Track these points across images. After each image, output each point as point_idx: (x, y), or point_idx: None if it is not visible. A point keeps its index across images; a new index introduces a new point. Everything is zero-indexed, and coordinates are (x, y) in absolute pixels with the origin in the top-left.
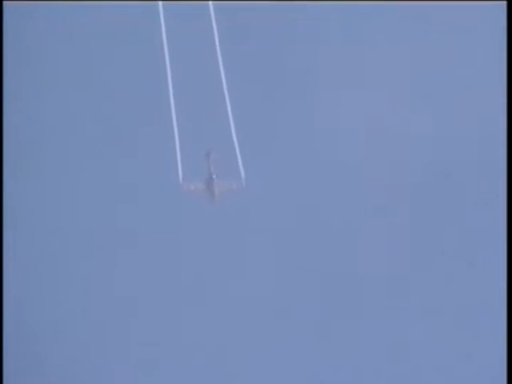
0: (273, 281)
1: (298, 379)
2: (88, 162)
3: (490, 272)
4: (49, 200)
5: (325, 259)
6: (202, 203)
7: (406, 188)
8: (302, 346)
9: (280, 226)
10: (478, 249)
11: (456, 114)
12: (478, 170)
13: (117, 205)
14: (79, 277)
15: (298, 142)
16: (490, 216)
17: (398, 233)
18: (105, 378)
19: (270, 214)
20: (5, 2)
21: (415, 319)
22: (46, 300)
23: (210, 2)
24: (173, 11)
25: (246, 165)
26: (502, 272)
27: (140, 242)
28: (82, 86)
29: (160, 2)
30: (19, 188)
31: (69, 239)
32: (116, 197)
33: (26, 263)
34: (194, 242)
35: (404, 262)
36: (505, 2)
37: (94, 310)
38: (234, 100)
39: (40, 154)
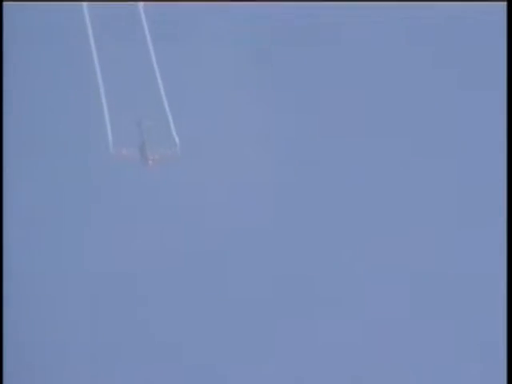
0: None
1: None
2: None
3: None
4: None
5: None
6: (135, 168)
7: None
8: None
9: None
10: None
11: None
12: None
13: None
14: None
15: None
16: None
17: None
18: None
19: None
20: (5, 2)
21: None
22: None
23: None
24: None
25: (179, 134)
26: None
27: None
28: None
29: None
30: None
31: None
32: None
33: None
34: (128, 208)
35: None
36: (505, 3)
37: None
38: (164, 70)
39: None
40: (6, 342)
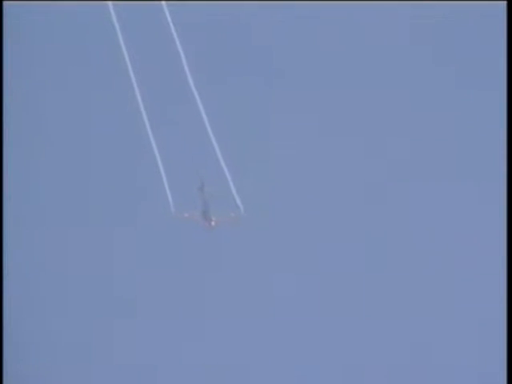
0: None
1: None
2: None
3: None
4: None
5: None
6: (198, 230)
7: None
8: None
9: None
10: None
11: None
12: None
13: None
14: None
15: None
16: None
17: None
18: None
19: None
20: (5, 2)
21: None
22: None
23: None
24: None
25: (241, 195)
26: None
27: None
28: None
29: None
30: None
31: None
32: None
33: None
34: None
35: None
36: (505, 2)
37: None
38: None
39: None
40: (6, 344)
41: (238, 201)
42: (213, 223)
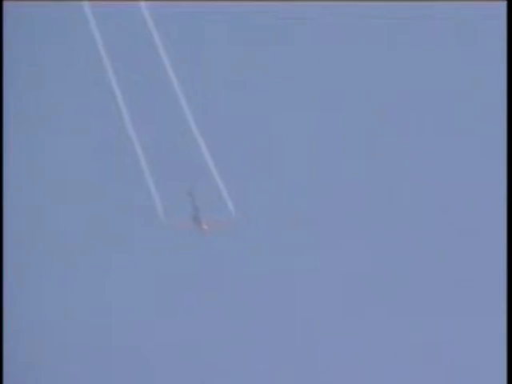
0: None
1: None
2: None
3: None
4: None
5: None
6: (189, 237)
7: None
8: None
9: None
10: None
11: None
12: None
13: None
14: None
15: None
16: None
17: None
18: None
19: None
20: (5, 2)
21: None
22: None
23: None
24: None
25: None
26: None
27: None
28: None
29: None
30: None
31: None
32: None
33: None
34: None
35: None
36: (505, 2)
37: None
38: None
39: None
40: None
41: (230, 204)
42: (205, 227)
